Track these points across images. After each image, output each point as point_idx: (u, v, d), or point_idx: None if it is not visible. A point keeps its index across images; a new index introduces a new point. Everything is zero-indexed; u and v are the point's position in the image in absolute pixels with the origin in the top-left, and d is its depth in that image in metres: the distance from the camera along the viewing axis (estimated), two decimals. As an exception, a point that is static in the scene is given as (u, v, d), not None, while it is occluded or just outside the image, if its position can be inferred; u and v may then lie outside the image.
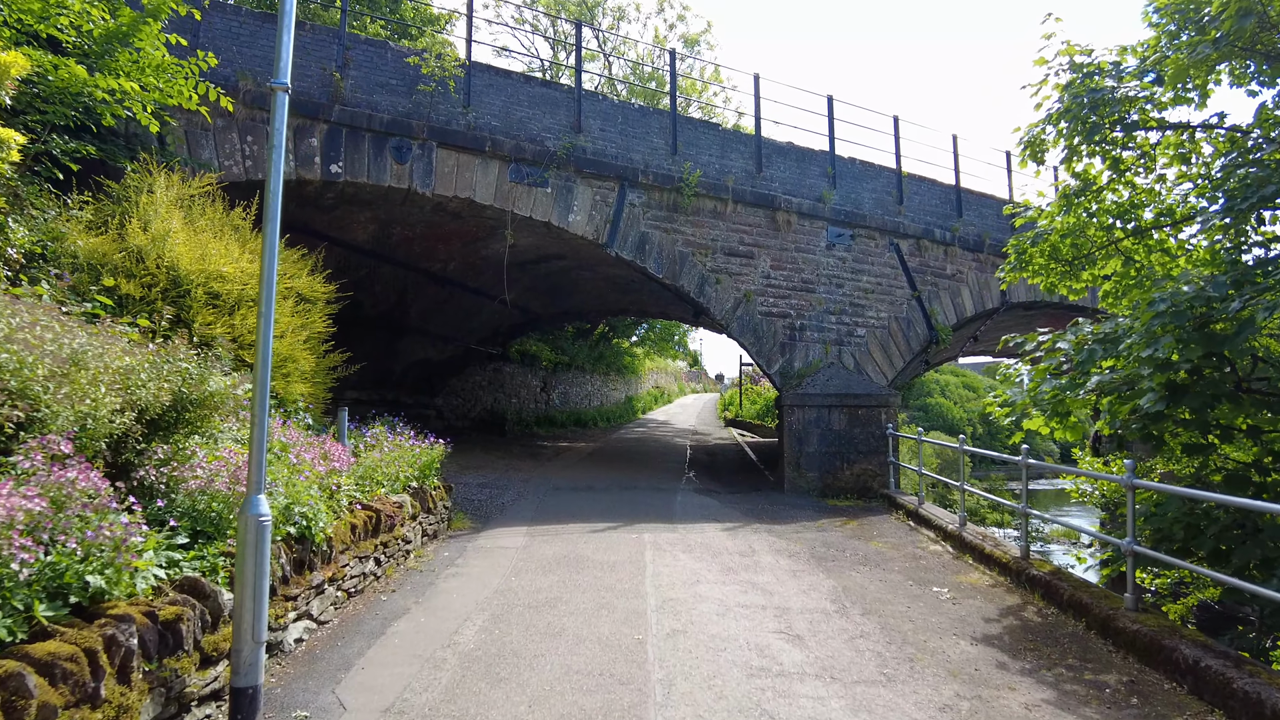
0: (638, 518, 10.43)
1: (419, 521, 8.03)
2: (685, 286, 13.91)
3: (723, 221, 14.44)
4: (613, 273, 17.05)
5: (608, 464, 16.46)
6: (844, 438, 13.64)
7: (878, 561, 8.72)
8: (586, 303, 20.32)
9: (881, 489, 13.37)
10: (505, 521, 9.79)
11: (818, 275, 15.35)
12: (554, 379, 25.24)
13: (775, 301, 14.84)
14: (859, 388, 14.01)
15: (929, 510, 10.97)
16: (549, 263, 16.50)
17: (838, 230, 15.71)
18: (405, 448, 8.48)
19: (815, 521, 11.17)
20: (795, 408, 13.72)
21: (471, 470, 13.90)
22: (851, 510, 12.27)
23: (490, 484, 12.45)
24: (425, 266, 15.67)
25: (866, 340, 15.79)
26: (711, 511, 11.41)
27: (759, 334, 14.54)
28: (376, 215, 13.27)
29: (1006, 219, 18.80)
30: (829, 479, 13.54)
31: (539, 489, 12.43)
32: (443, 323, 18.15)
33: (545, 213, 12.85)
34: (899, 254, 16.47)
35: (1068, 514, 25.69)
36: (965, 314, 17.52)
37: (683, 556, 8.22)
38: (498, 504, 10.89)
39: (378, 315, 16.34)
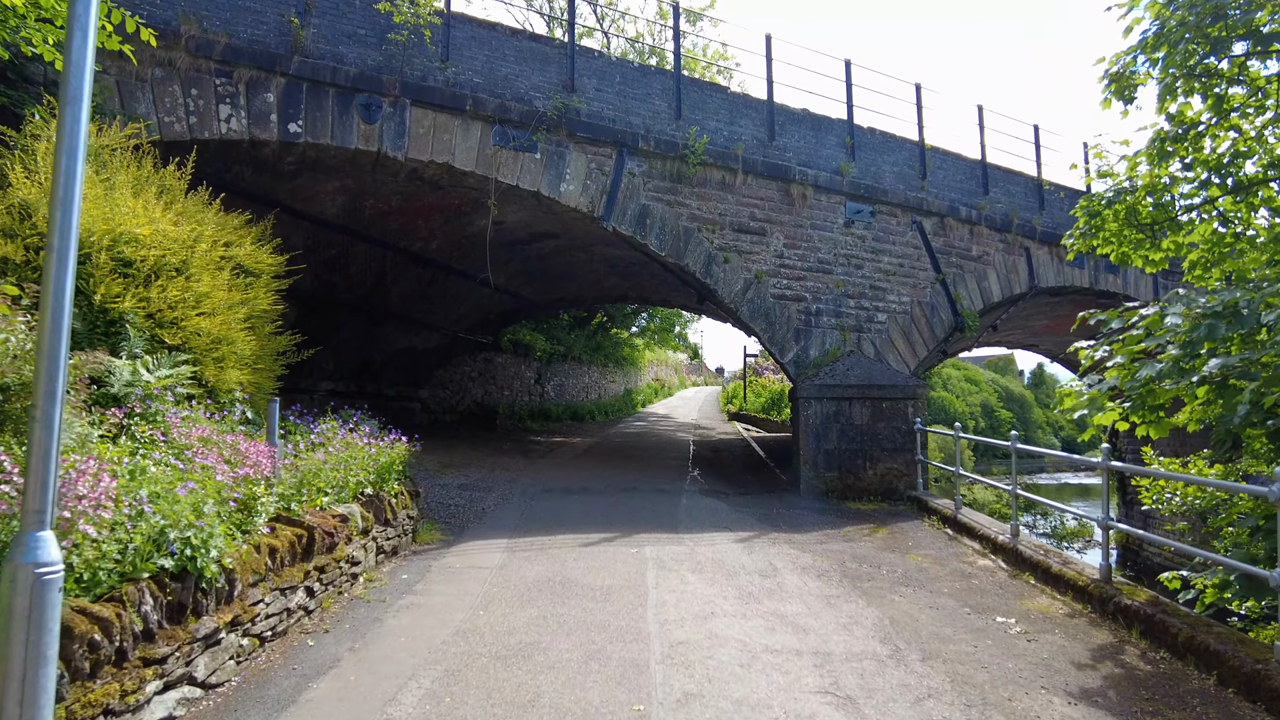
0: (637, 526, 8.98)
1: (372, 536, 6.58)
2: (690, 266, 12.43)
3: (731, 194, 12.95)
4: (610, 254, 15.57)
5: (605, 462, 15.01)
6: (866, 433, 12.18)
7: (922, 581, 7.28)
8: (582, 288, 18.84)
9: (908, 490, 11.93)
10: (483, 532, 8.32)
11: (835, 255, 13.87)
12: (549, 370, 23.77)
13: (789, 283, 13.37)
14: (883, 378, 12.55)
15: (970, 517, 9.52)
16: (540, 242, 15.01)
17: (856, 206, 14.23)
18: (358, 447, 7.02)
19: (839, 529, 9.72)
20: (812, 400, 12.26)
21: (453, 469, 12.45)
22: (877, 515, 10.83)
23: (472, 485, 10.99)
24: (404, 245, 14.18)
25: (888, 326, 14.32)
26: (721, 517, 9.96)
27: (771, 319, 13.07)
28: (345, 185, 11.78)
29: (1036, 197, 17.34)
30: (850, 479, 12.09)
31: (527, 491, 10.98)
32: (427, 309, 16.67)
33: (534, 181, 11.35)
34: (922, 233, 14.99)
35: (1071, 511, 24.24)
36: (992, 299, 16.06)
37: (692, 579, 6.77)
38: (477, 510, 9.43)
39: (354, 299, 14.86)
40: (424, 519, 8.19)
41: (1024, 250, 16.61)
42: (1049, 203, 17.32)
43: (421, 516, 8.10)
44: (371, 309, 15.43)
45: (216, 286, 7.18)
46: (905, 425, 12.18)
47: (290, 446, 6.64)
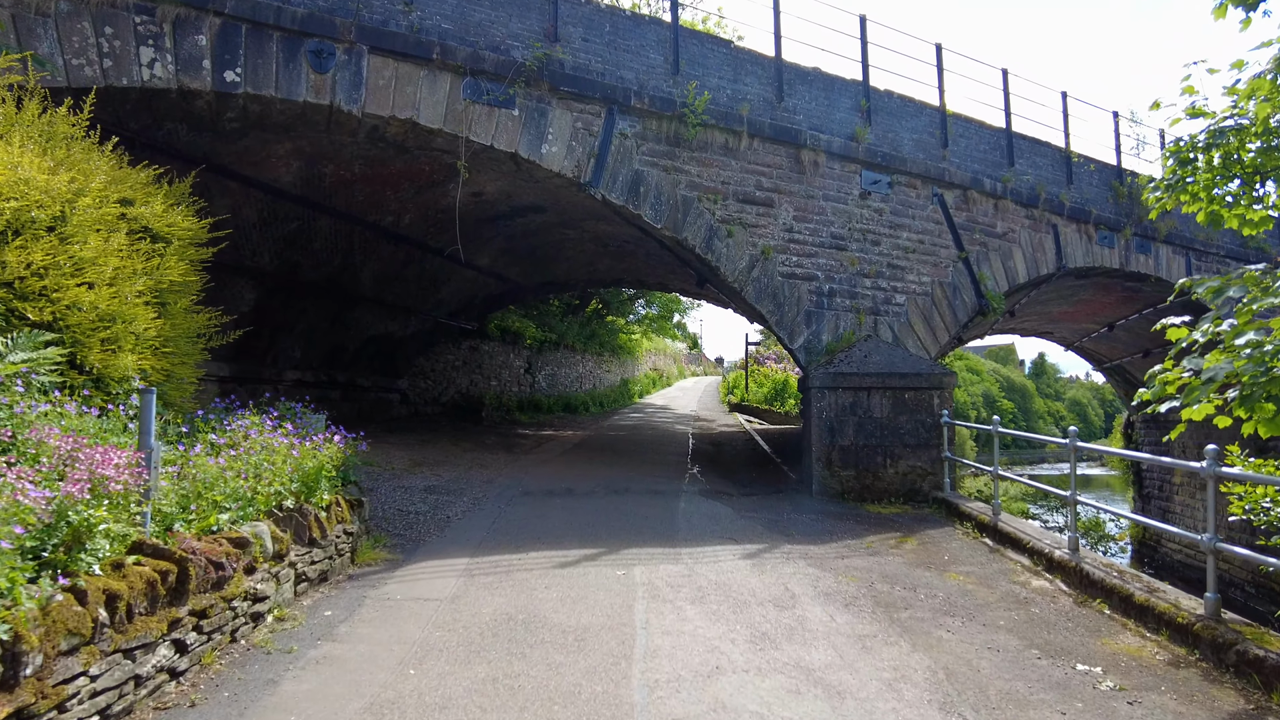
0: (627, 538, 7.60)
1: (289, 562, 5.19)
2: (689, 240, 11.00)
3: (735, 160, 11.51)
4: (602, 230, 14.14)
5: (596, 458, 13.63)
6: (887, 427, 10.79)
7: (970, 610, 5.91)
8: (573, 270, 17.42)
9: (934, 491, 10.56)
10: (441, 548, 6.93)
11: (850, 229, 12.45)
12: (540, 359, 22.37)
13: (800, 260, 11.95)
14: (905, 365, 11.15)
15: (1013, 525, 8.15)
16: (525, 217, 13.58)
17: (873, 175, 12.79)
18: (279, 449, 5.62)
19: (861, 539, 8.35)
20: (826, 390, 10.86)
21: (425, 468, 11.06)
22: (901, 521, 9.46)
23: (441, 487, 9.60)
24: (373, 220, 12.74)
25: (906, 309, 12.91)
26: (725, 525, 8.58)
27: (780, 299, 11.66)
28: (299, 147, 10.33)
29: (1063, 170, 15.89)
30: (868, 479, 10.71)
31: (504, 494, 9.60)
32: (403, 291, 15.25)
33: (510, 141, 9.92)
34: (943, 206, 13.56)
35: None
36: (1017, 280, 14.64)
37: (691, 613, 5.39)
38: (440, 518, 8.05)
39: (320, 280, 13.44)
40: (370, 533, 6.80)
41: (1051, 227, 15.18)
42: (1077, 177, 15.88)
43: (367, 530, 6.71)
44: (340, 291, 14.01)
45: (108, 251, 5.78)
46: (930, 418, 10.79)
47: (197, 449, 5.24)
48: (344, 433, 6.97)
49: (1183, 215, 17.68)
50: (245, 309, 12.54)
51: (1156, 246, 16.86)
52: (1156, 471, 26.81)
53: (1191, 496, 24.32)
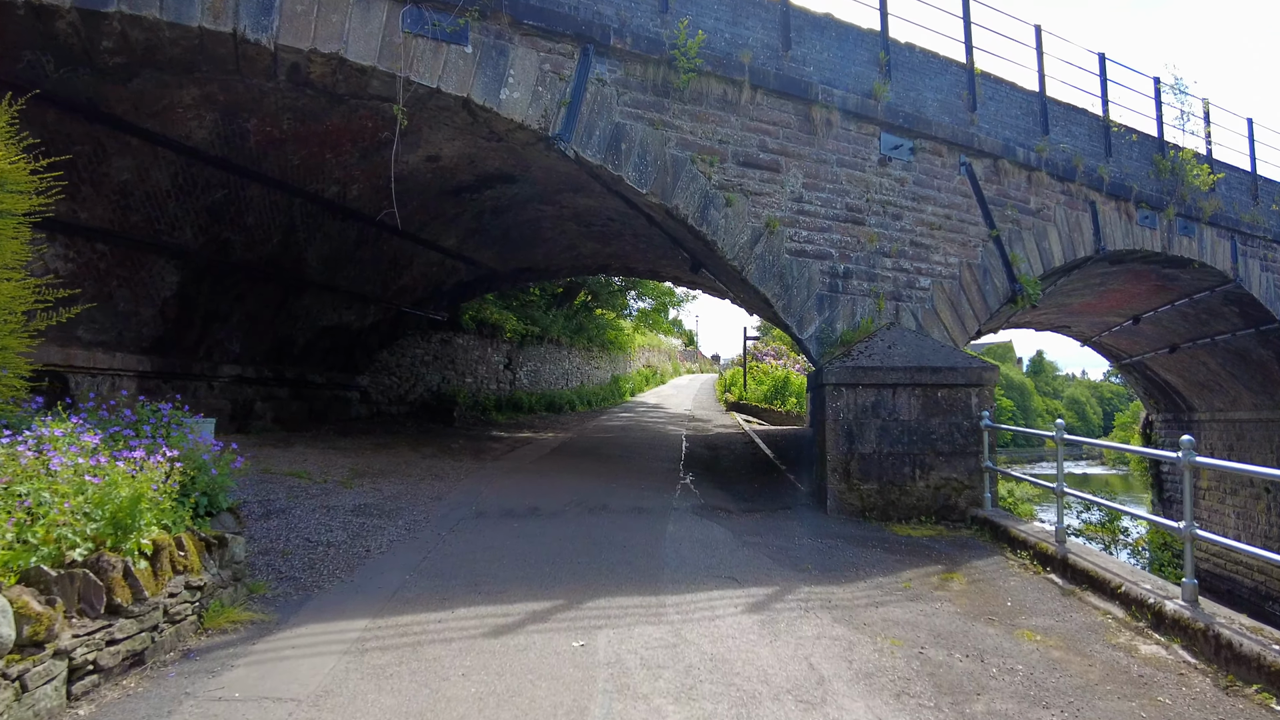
0: (596, 580, 5.78)
1: (57, 650, 3.36)
2: (681, 209, 9.18)
3: (736, 116, 9.69)
4: (582, 205, 12.31)
5: (574, 466, 11.80)
6: (916, 432, 8.99)
7: (1067, 696, 4.11)
8: (553, 255, 15.59)
9: (972, 508, 8.77)
10: (339, 600, 5.09)
11: (868, 200, 10.64)
12: (521, 354, 20.52)
13: (810, 236, 10.14)
14: (936, 357, 9.34)
15: (1088, 558, 6.35)
16: (494, 188, 11.74)
17: (894, 140, 10.99)
18: (59, 472, 3.78)
19: (895, 575, 6.55)
20: (843, 388, 9.05)
21: (366, 479, 9.23)
22: (938, 547, 7.66)
23: (375, 507, 7.76)
24: (314, 190, 10.88)
25: (932, 294, 11.12)
26: (723, 556, 6.77)
27: (787, 281, 9.84)
28: (209, 94, 8.47)
29: (1101, 141, 14.08)
30: (894, 493, 8.91)
31: (451, 515, 7.76)
32: (358, 276, 13.39)
33: (462, 84, 8.07)
34: (972, 177, 11.77)
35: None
36: (1052, 262, 12.86)
37: (676, 715, 3.59)
38: (356, 551, 6.20)
39: (258, 261, 11.57)
40: (241, 581, 4.96)
41: (1089, 205, 13.40)
42: (1116, 149, 14.09)
43: (235, 578, 4.86)
44: (283, 275, 12.15)
45: None
46: (968, 421, 8.99)
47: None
48: (215, 443, 5.16)
49: (1229, 194, 15.93)
50: (167, 294, 10.70)
51: (1201, 228, 15.08)
52: (1180, 473, 25.15)
53: (1221, 501, 22.61)
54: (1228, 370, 20.62)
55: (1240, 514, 21.13)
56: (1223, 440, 22.52)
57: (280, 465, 9.48)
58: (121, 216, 9.43)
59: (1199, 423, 23.61)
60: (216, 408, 12.15)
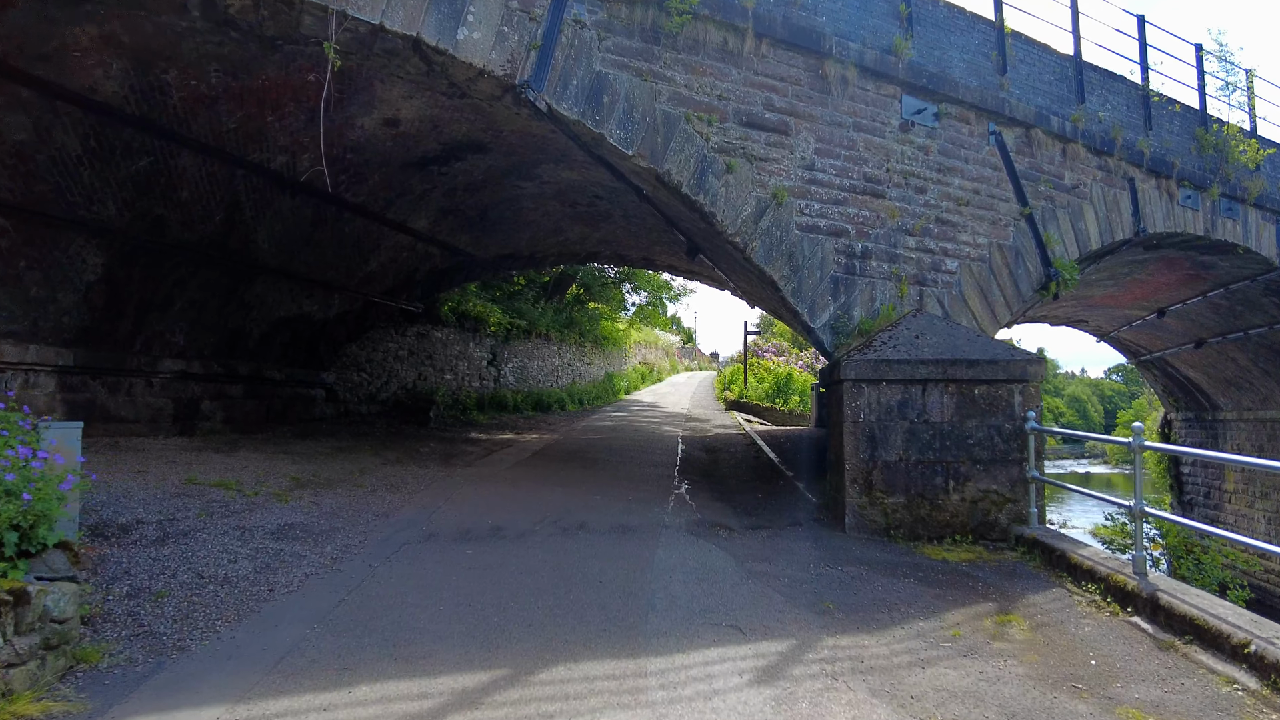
0: (559, 636, 4.43)
1: None
2: (673, 175, 7.82)
3: (737, 69, 8.33)
4: (565, 180, 10.94)
5: (554, 473, 10.45)
6: (950, 436, 7.64)
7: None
8: (537, 240, 14.23)
9: (1014, 525, 7.42)
10: (195, 673, 3.70)
11: (888, 171, 9.30)
12: (506, 349, 19.15)
13: (824, 209, 8.79)
14: (973, 348, 7.99)
15: (1186, 598, 5.00)
16: (464, 159, 10.37)
17: (917, 103, 9.64)
18: None
19: (939, 617, 5.21)
20: (864, 385, 7.70)
21: (306, 491, 7.88)
22: (983, 575, 6.32)
23: (302, 527, 6.40)
24: (257, 159, 9.51)
25: (960, 279, 9.79)
26: (725, 595, 5.42)
27: (797, 261, 8.49)
28: (110, 35, 7.09)
29: (1140, 111, 12.71)
30: (924, 508, 7.56)
31: (393, 538, 6.41)
32: (317, 261, 12.02)
33: (410, 21, 6.70)
34: (1002, 148, 10.43)
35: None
36: (1089, 245, 11.53)
37: None
38: (258, 590, 4.84)
39: (199, 243, 10.21)
40: (82, 640, 3.61)
41: (1128, 181, 12.06)
42: (1156, 121, 12.75)
43: (72, 637, 3.51)
44: (231, 258, 10.78)
45: None
46: (1010, 423, 7.63)
47: None
48: (79, 455, 3.81)
49: (1273, 174, 14.59)
50: (91, 278, 9.36)
51: (1245, 210, 13.74)
52: (1202, 476, 23.85)
53: (1250, 505, 21.30)
54: (1260, 366, 19.29)
55: (1272, 519, 19.82)
56: (1251, 440, 21.22)
57: (210, 474, 8.13)
58: (23, 186, 8.06)
59: (1224, 422, 22.32)
60: (156, 407, 10.81)
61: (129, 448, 9.35)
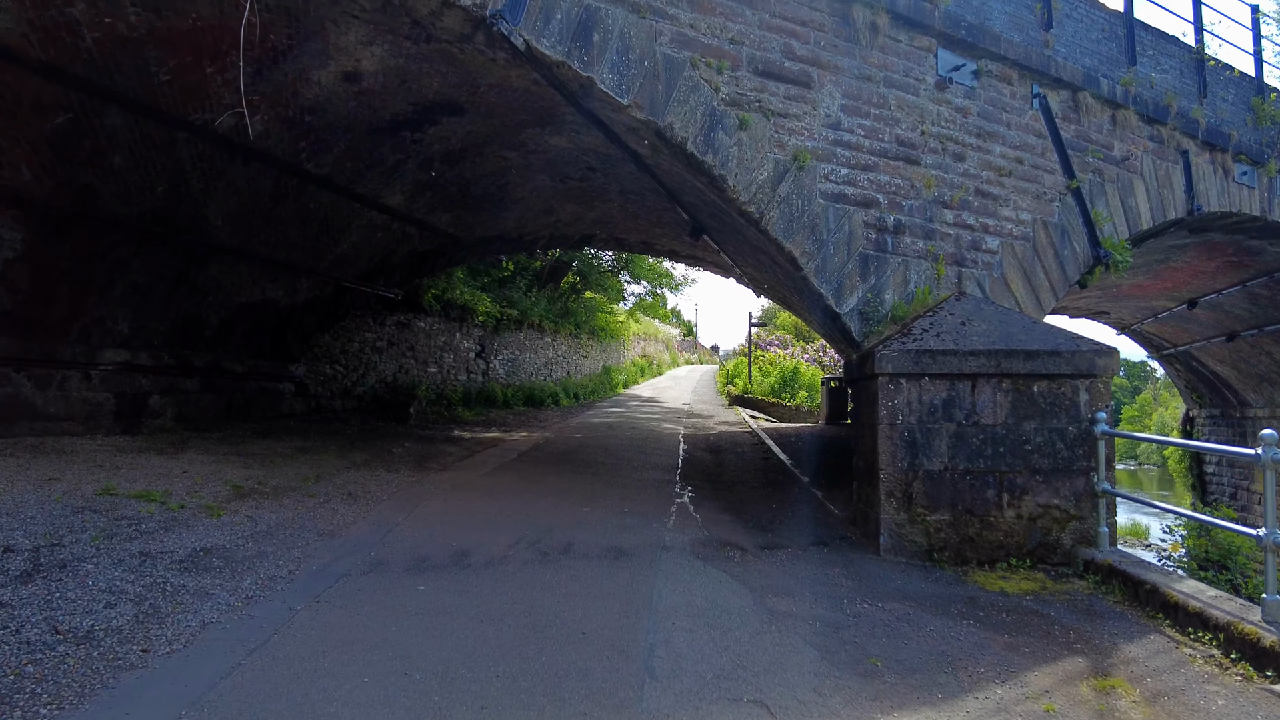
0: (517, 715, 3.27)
1: None
2: (676, 130, 6.59)
3: (752, 9, 7.08)
4: (554, 148, 9.70)
5: (540, 478, 9.25)
6: (1004, 441, 6.43)
7: None
8: (526, 220, 13.01)
9: (1080, 547, 6.22)
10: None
11: (923, 134, 8.07)
12: (496, 341, 17.93)
13: (852, 175, 7.56)
14: (1030, 337, 6.77)
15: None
16: (439, 124, 9.13)
17: (954, 59, 8.40)
18: None
19: (1020, 681, 4.00)
20: (903, 380, 6.48)
21: (247, 502, 6.67)
22: (1056, 614, 5.12)
23: (225, 551, 5.20)
24: (201, 120, 8.26)
25: (1001, 259, 8.57)
26: (743, 651, 4.21)
27: (821, 234, 7.27)
28: (-1, -44, 5.87)
29: (1195, 78, 11.43)
30: (972, 526, 6.36)
31: (332, 568, 5.20)
32: (280, 240, 10.79)
33: (356, -69, 5.47)
34: (1046, 112, 9.19)
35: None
36: (1139, 225, 10.31)
37: None
38: (127, 652, 3.63)
39: (140, 218, 8.98)
40: None
41: (1180, 155, 10.82)
42: (1211, 89, 11.51)
43: None
44: (178, 235, 9.55)
45: None
46: (1075, 425, 6.42)
47: None
48: None
49: (1331, 149, 13.32)
50: (9, 255, 8.17)
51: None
52: (1228, 475, 22.70)
53: (1283, 508, 20.13)
54: (1300, 361, 18.11)
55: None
56: None
57: (136, 482, 6.93)
58: (-91, 143, 6.86)
59: (1254, 419, 21.11)
60: (94, 403, 9.59)
61: (53, 450, 8.14)
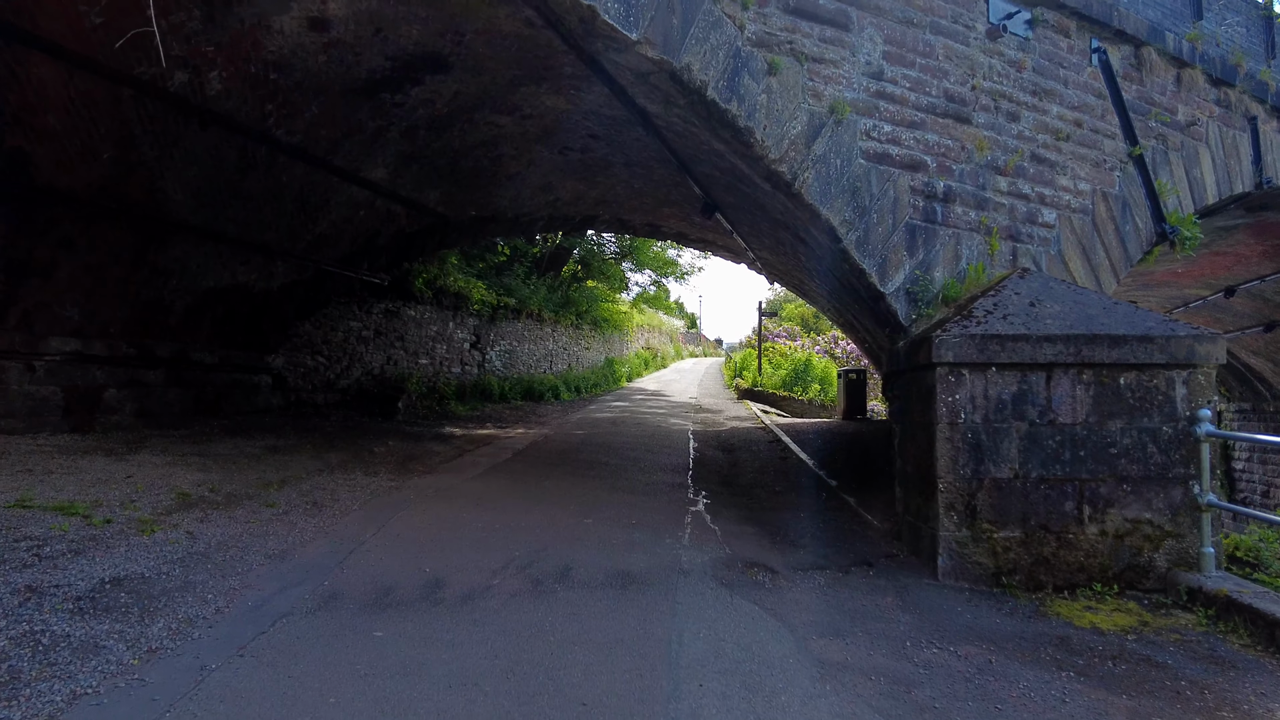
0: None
1: None
2: (695, 71, 5.53)
3: (782, -65, 6.02)
4: (551, 110, 8.65)
5: (535, 484, 8.23)
6: (1085, 443, 5.39)
7: None
8: (523, 198, 11.95)
9: (1176, 570, 5.20)
10: None
11: (974, 89, 7.01)
12: (493, 331, 16.89)
13: (896, 133, 6.50)
14: (1113, 319, 5.71)
15: None
16: (422, 83, 8.08)
17: (1007, 5, 7.32)
18: None
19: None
20: (965, 371, 5.44)
21: (193, 513, 5.66)
22: (1170, 662, 4.10)
23: (143, 581, 4.19)
24: (148, 76, 7.23)
25: (1059, 234, 7.52)
26: (793, 717, 3.23)
27: (863, 200, 6.22)
28: None
29: (1262, 35, 10.28)
30: (1047, 544, 5.32)
31: (270, 604, 4.19)
32: (251, 218, 9.76)
33: None
34: (1107, 70, 8.12)
35: None
36: (1204, 199, 9.25)
37: None
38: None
39: (86, 189, 7.95)
40: None
41: (1248, 122, 9.73)
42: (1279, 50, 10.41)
43: None
44: (132, 210, 8.52)
45: None
46: (1170, 425, 5.38)
47: None
48: None
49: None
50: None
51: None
52: (1260, 472, 21.68)
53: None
54: (1345, 352, 17.02)
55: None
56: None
57: (63, 491, 5.92)
58: None
59: (1289, 414, 20.13)
60: (38, 398, 8.59)
61: (-18, 451, 7.14)
